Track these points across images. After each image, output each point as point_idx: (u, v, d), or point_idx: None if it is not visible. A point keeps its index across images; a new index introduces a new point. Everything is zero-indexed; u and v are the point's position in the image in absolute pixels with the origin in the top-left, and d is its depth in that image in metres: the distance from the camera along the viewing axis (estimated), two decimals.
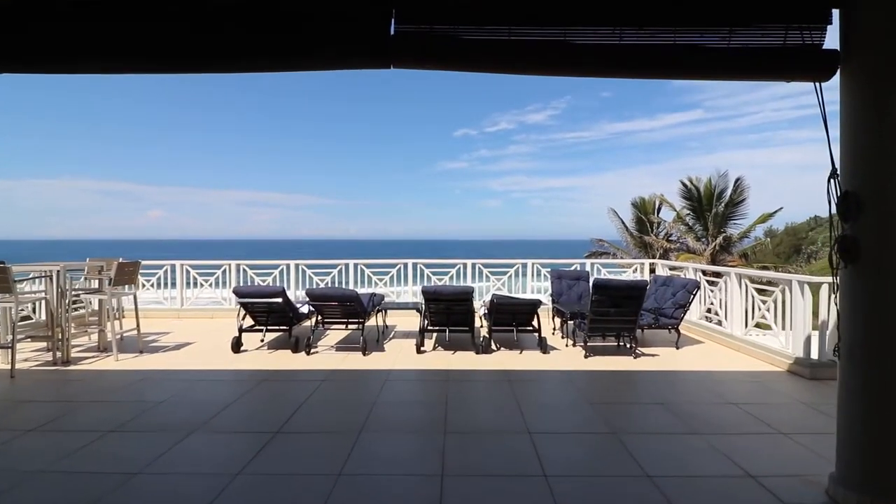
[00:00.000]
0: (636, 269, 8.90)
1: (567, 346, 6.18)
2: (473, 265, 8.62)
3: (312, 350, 5.87)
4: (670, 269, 8.22)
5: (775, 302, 5.44)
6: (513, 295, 5.69)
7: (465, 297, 5.63)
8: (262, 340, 6.27)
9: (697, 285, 6.01)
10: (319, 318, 6.06)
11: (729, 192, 20.06)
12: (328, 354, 5.76)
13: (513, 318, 5.90)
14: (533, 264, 8.53)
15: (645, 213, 22.91)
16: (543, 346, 5.78)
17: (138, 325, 6.06)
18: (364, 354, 5.67)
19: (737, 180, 19.92)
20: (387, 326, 7.32)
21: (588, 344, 5.67)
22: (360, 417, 3.68)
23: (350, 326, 6.08)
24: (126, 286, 5.97)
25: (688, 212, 21.08)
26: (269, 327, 6.05)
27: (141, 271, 9.13)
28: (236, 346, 5.84)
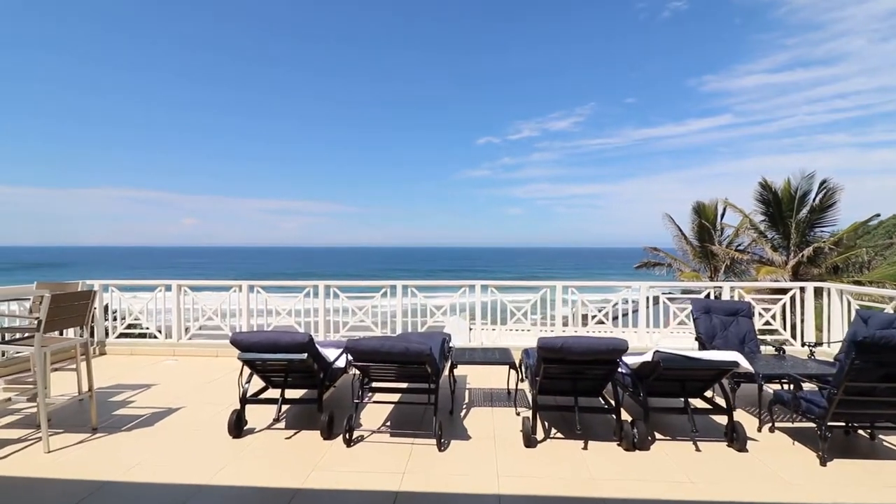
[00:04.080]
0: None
1: (760, 430, 3.81)
2: (564, 288, 6.31)
3: (355, 434, 3.67)
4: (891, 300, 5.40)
5: None
6: (688, 354, 3.38)
7: (612, 355, 3.33)
8: (277, 418, 4.04)
9: None
10: (365, 378, 3.86)
11: (813, 195, 17.35)
12: (380, 446, 3.52)
13: (682, 387, 3.59)
14: (650, 288, 6.16)
15: (706, 218, 20.37)
16: (739, 438, 3.42)
17: (91, 386, 3.98)
18: (440, 449, 3.44)
19: (823, 182, 17.22)
20: (455, 381, 5.03)
21: (826, 435, 3.26)
22: None
23: (410, 387, 3.87)
24: (72, 329, 3.93)
25: (762, 217, 18.40)
26: (287, 393, 3.87)
27: (127, 293, 7.18)
28: (237, 425, 3.69)
